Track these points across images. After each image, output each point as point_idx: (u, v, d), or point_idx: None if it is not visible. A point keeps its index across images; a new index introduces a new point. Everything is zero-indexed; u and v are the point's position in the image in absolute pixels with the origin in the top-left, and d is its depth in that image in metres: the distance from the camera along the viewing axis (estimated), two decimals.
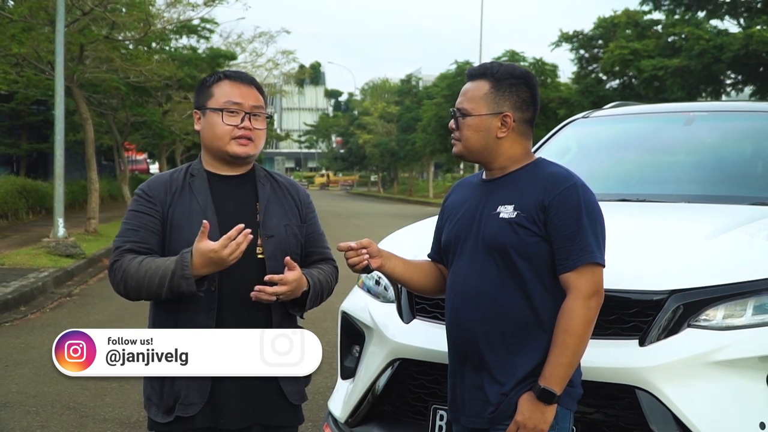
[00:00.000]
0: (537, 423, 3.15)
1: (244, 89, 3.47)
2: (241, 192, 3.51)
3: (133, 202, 3.49)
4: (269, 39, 35.23)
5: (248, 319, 3.37)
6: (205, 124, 3.48)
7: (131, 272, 3.30)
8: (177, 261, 3.24)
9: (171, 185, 3.48)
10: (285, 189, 3.61)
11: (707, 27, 32.12)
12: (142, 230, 3.40)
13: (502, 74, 3.36)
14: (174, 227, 3.41)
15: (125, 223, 3.45)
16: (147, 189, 3.48)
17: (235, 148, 3.43)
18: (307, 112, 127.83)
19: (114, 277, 3.37)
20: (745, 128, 6.10)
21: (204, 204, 3.41)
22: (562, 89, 38.00)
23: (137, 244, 3.38)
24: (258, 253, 3.41)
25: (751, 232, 4.35)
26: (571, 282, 3.17)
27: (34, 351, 9.12)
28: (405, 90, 70.39)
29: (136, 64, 21.41)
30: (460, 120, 3.37)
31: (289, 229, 3.51)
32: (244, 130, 3.42)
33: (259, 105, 3.49)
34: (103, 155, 40.97)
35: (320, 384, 7.36)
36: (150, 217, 3.41)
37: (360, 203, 53.85)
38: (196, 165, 3.55)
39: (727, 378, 3.55)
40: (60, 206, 16.48)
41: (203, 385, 3.34)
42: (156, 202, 3.43)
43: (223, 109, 3.42)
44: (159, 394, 3.42)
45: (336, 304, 4.69)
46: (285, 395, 3.49)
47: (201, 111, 3.50)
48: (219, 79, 3.50)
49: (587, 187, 3.29)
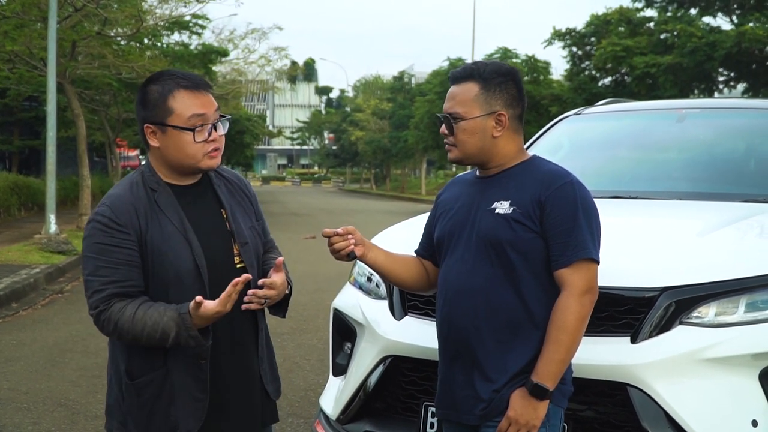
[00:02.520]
0: (529, 419, 3.14)
1: (203, 97, 3.21)
2: (205, 202, 3.34)
3: (99, 233, 3.13)
4: (262, 35, 35.05)
5: (238, 327, 3.32)
6: (167, 142, 3.19)
7: (124, 327, 3.08)
8: (179, 324, 3.04)
9: (137, 206, 3.17)
10: (236, 186, 3.47)
11: (700, 24, 32.12)
12: (121, 267, 3.11)
13: (489, 73, 3.34)
14: (155, 253, 3.14)
15: (96, 259, 3.12)
16: (114, 216, 3.14)
17: (208, 162, 3.23)
18: (299, 108, 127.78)
19: (103, 327, 3.13)
20: (738, 125, 6.11)
21: (180, 224, 3.20)
22: (554, 86, 38.00)
23: (120, 285, 3.11)
24: (237, 263, 3.31)
25: (743, 230, 4.36)
26: (565, 278, 3.17)
27: (26, 348, 9.11)
28: (397, 87, 70.29)
29: (128, 61, 21.40)
30: (454, 125, 3.35)
31: (253, 230, 3.42)
32: (214, 143, 3.22)
33: (218, 108, 3.26)
34: (95, 152, 40.95)
35: (312, 381, 7.36)
36: (127, 250, 3.12)
37: (352, 200, 53.85)
38: (152, 177, 3.26)
39: (719, 375, 3.56)
40: (52, 203, 16.47)
41: (198, 411, 3.21)
42: (129, 231, 3.13)
43: (194, 128, 3.16)
44: (144, 426, 3.22)
45: (328, 301, 4.69)
46: (268, 394, 3.46)
47: (158, 128, 3.19)
48: (173, 89, 3.18)
49: (583, 184, 3.29)
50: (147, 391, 3.19)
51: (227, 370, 3.29)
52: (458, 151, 3.38)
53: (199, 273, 3.18)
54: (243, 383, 3.35)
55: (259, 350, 3.41)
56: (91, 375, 7.91)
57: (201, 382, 3.20)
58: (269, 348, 3.51)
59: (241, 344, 3.35)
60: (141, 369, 3.20)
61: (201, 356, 3.18)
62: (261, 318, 3.42)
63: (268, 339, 3.50)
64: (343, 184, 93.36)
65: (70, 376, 7.87)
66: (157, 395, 3.19)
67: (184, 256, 3.16)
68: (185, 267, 3.16)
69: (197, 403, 3.20)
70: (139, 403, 3.20)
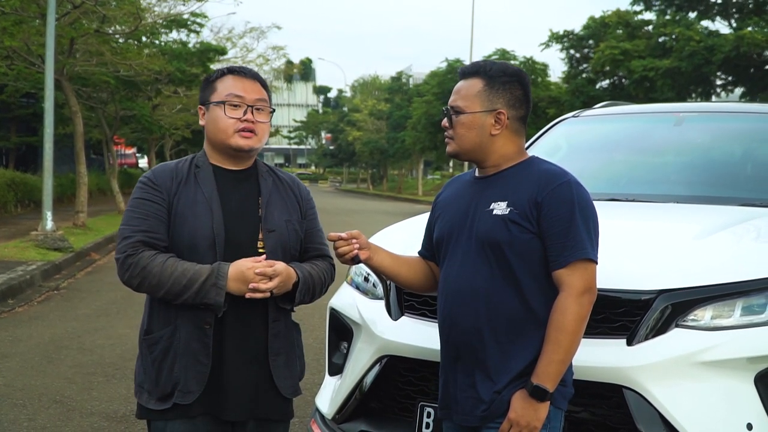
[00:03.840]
0: (530, 420, 3.15)
1: (247, 83, 3.48)
2: (245, 186, 3.52)
3: (138, 189, 3.46)
4: (260, 34, 35.13)
5: (247, 313, 3.41)
6: (208, 118, 3.49)
7: (153, 270, 3.29)
8: (212, 268, 3.28)
9: (176, 174, 3.47)
10: (286, 184, 3.63)
11: (698, 28, 32.12)
12: (150, 219, 3.37)
13: (495, 72, 3.36)
14: (178, 216, 3.39)
15: (131, 210, 3.42)
16: (153, 177, 3.46)
17: (239, 140, 3.43)
18: (297, 108, 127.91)
19: (128, 271, 3.34)
20: (735, 129, 6.12)
21: (209, 195, 3.42)
22: (552, 88, 38.04)
23: (149, 235, 3.36)
24: (259, 247, 3.43)
25: (740, 233, 4.36)
26: (563, 279, 3.17)
27: (22, 344, 9.10)
28: (395, 87, 70.32)
29: (126, 58, 21.40)
30: (454, 118, 3.37)
31: (290, 224, 3.53)
32: (247, 122, 3.42)
33: (262, 98, 3.49)
34: (92, 149, 40.94)
35: (308, 380, 7.36)
36: (157, 205, 3.39)
37: (349, 200, 53.84)
38: (201, 157, 3.55)
39: (714, 378, 3.56)
40: (48, 199, 16.44)
41: (201, 373, 3.36)
42: (162, 190, 3.41)
43: (225, 102, 3.43)
44: (154, 381, 3.41)
45: (325, 300, 4.69)
46: (278, 390, 3.50)
47: (205, 106, 3.52)
48: (222, 74, 3.51)
49: (581, 184, 3.30)
50: (157, 347, 3.42)
51: (230, 346, 3.41)
52: (455, 144, 3.41)
53: (214, 242, 3.35)
54: (247, 365, 3.44)
55: (271, 340, 3.48)
56: (86, 372, 7.91)
57: (205, 346, 3.37)
58: (290, 344, 3.59)
59: (250, 329, 3.45)
60: (157, 326, 3.45)
61: (206, 321, 3.35)
62: (272, 308, 3.47)
63: (290, 334, 3.59)
64: (340, 184, 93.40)
65: (66, 373, 7.86)
66: (165, 351, 3.40)
67: (203, 224, 3.37)
68: (201, 233, 3.36)
69: (200, 366, 3.37)
70: (151, 359, 3.44)
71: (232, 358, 3.41)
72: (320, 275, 3.56)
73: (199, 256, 3.34)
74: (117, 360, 8.35)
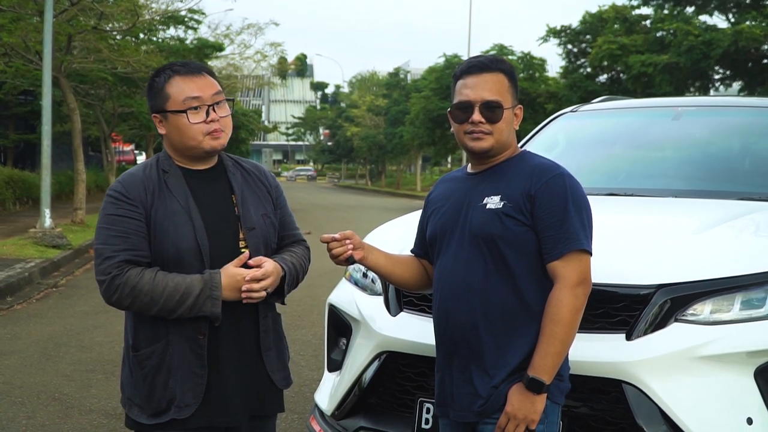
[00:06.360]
0: (527, 413, 3.14)
1: (198, 80, 3.33)
2: (216, 186, 3.43)
3: (111, 205, 3.29)
4: (258, 31, 35.03)
5: (238, 315, 3.36)
6: (170, 127, 3.33)
7: (144, 289, 3.18)
8: (205, 280, 3.21)
9: (147, 184, 3.32)
10: (254, 176, 3.55)
11: (696, 23, 32.09)
12: (131, 237, 3.24)
13: (509, 67, 3.42)
14: (158, 229, 3.27)
15: (106, 228, 3.27)
16: (124, 191, 3.29)
17: (211, 143, 3.31)
18: (294, 104, 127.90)
19: (116, 293, 3.22)
20: (733, 124, 6.11)
21: (186, 203, 3.31)
22: (550, 83, 38.04)
23: (132, 253, 3.23)
24: (241, 247, 3.38)
25: (739, 228, 4.36)
26: (558, 270, 3.17)
27: (20, 342, 9.10)
28: (393, 83, 70.27)
29: (123, 55, 21.36)
30: (497, 112, 3.33)
31: (266, 218, 3.47)
32: (213, 123, 3.30)
33: (218, 91, 3.35)
34: (90, 146, 40.88)
35: (307, 376, 7.36)
36: (136, 221, 3.25)
37: (347, 196, 53.84)
38: (166, 160, 3.40)
39: (714, 373, 3.56)
40: (47, 197, 16.43)
41: (198, 385, 3.29)
42: (137, 204, 3.27)
43: (186, 110, 3.27)
44: (146, 397, 3.32)
45: (323, 296, 4.69)
46: (274, 383, 3.49)
47: (161, 115, 3.34)
48: (169, 77, 3.32)
49: (573, 177, 3.30)
50: (149, 363, 3.31)
51: (225, 351, 3.35)
52: (494, 139, 3.34)
53: (200, 251, 3.27)
54: (242, 367, 3.40)
55: (262, 337, 3.44)
56: (85, 369, 7.90)
57: (200, 357, 3.30)
58: (278, 336, 3.55)
59: (242, 330, 3.40)
60: (145, 341, 3.33)
61: (200, 331, 3.28)
62: (264, 306, 3.45)
63: (277, 328, 3.55)
64: (338, 179, 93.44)
65: (65, 371, 7.86)
66: (157, 367, 3.30)
67: (185, 234, 3.27)
68: (186, 245, 3.27)
69: (196, 378, 3.29)
70: (142, 375, 3.32)
71: (227, 363, 3.35)
72: (300, 262, 3.53)
73: (185, 267, 3.26)
74: (116, 357, 8.32)
